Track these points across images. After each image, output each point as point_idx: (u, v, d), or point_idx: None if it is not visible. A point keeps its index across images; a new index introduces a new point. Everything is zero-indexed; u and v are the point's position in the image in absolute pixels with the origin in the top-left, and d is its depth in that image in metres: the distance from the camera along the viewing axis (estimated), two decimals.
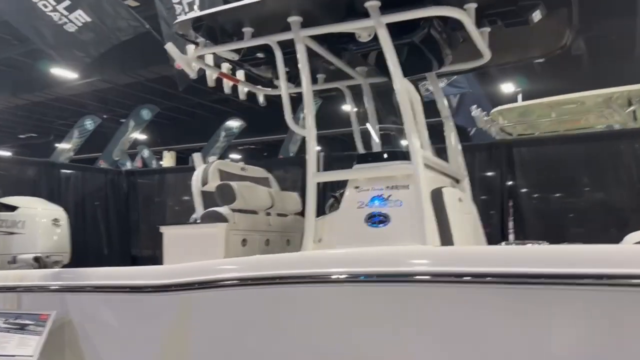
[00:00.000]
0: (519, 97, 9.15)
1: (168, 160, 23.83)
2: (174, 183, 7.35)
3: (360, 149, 4.81)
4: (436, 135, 4.24)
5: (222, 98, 19.94)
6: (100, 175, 7.51)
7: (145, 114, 18.06)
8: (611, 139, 4.84)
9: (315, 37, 3.85)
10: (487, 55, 3.96)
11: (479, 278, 2.64)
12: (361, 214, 3.47)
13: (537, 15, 3.58)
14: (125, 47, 8.18)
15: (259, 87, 5.22)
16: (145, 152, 22.73)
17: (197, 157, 4.61)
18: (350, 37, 3.79)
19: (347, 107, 5.36)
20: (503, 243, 4.01)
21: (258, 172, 4.92)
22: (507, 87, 14.19)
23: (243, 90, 5.15)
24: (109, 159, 16.46)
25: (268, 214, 4.62)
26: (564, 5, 3.58)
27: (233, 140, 20.77)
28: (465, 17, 3.37)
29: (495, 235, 4.95)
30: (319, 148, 3.73)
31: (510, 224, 5.09)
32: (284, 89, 3.82)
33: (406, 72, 4.05)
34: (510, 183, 5.16)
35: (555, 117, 6.82)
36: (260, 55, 4.50)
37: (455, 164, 4.29)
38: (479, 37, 3.67)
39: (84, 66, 7.91)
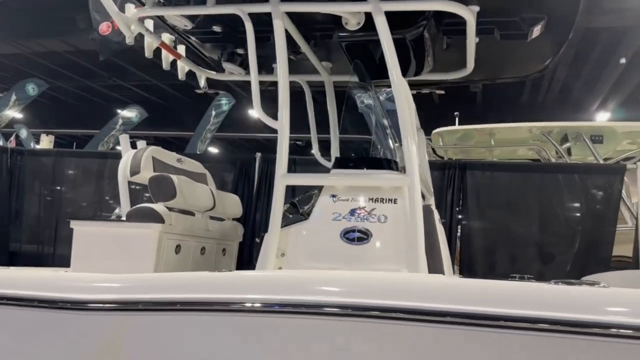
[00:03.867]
0: (457, 120, 9.22)
1: (45, 144, 21.29)
2: (74, 169, 6.22)
3: (317, 154, 4.29)
4: None
5: (116, 85, 18.35)
6: None
7: (31, 89, 15.88)
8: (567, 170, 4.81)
9: (293, 16, 3.31)
10: (470, 66, 3.69)
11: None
12: (337, 227, 2.96)
13: (536, 31, 3.35)
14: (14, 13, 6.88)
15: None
16: (24, 132, 20.09)
17: (124, 139, 3.77)
18: (335, 23, 3.31)
19: (251, 112, 4.83)
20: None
21: (195, 166, 4.19)
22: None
23: (183, 68, 4.41)
24: None
25: (206, 216, 3.92)
26: (565, 24, 3.38)
27: (130, 132, 19.09)
28: (471, 17, 3.03)
29: None
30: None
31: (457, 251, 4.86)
32: (254, 73, 3.21)
33: (380, 74, 3.68)
34: (459, 209, 4.94)
35: (493, 144, 6.88)
36: (217, 29, 3.83)
37: (425, 180, 3.94)
38: (473, 44, 3.37)
39: None
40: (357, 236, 2.91)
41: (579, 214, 4.59)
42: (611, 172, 4.61)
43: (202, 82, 4.63)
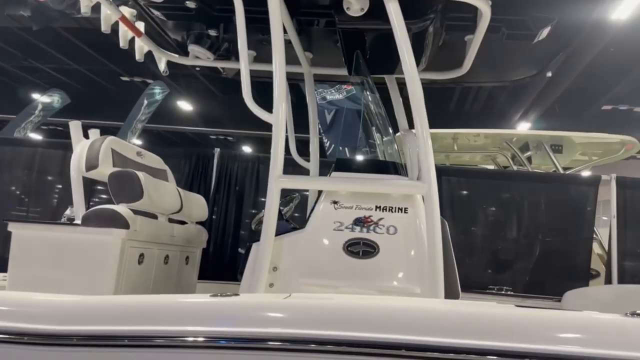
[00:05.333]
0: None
1: None
2: None
3: (295, 154, 3.89)
4: None
5: (32, 67, 16.81)
6: None
7: None
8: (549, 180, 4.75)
9: None
10: (467, 66, 3.48)
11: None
12: (339, 238, 2.61)
13: (545, 33, 3.18)
14: None
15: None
16: None
17: (76, 126, 3.17)
18: (335, 7, 2.95)
19: (181, 104, 4.42)
20: None
21: (155, 161, 3.65)
22: None
23: (142, 48, 3.86)
24: None
25: (170, 220, 3.41)
26: (570, 30, 3.24)
27: (50, 119, 17.50)
28: (488, 11, 2.79)
29: None
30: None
31: None
32: (243, 58, 2.77)
33: (372, 69, 3.39)
34: None
35: (456, 149, 6.81)
36: (190, 4, 3.33)
37: None
38: (479, 42, 3.14)
39: None
40: (362, 249, 2.57)
41: (556, 223, 4.55)
42: (586, 183, 4.61)
43: (162, 66, 4.09)
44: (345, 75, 4.05)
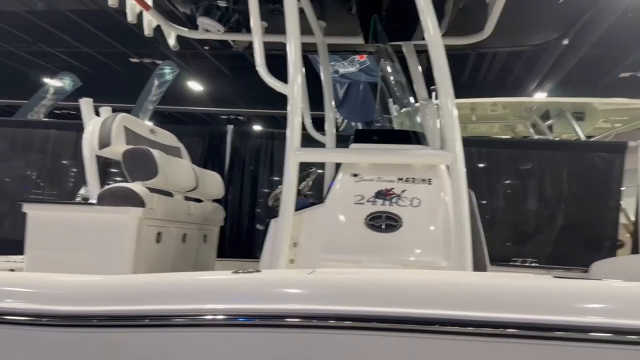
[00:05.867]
0: (433, 95, 8.90)
1: None
2: (10, 140, 5.36)
3: (310, 128, 3.78)
4: None
5: (42, 51, 16.76)
6: None
7: None
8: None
9: None
10: (489, 30, 3.32)
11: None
12: (360, 212, 2.52)
13: None
14: None
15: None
16: None
17: (87, 104, 3.10)
18: None
19: (191, 84, 4.31)
20: None
21: (169, 138, 3.58)
22: None
23: (151, 22, 3.76)
24: None
25: (186, 198, 3.36)
26: None
27: (60, 102, 17.51)
28: None
29: None
30: None
31: None
32: (256, 27, 2.66)
33: (389, 36, 3.25)
34: None
35: (474, 119, 6.64)
36: None
37: None
38: (501, 4, 2.99)
39: None
40: (385, 223, 2.49)
41: (581, 193, 4.42)
42: (612, 149, 4.45)
43: (172, 41, 3.99)
44: (361, 44, 3.91)
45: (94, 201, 2.71)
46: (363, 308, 1.66)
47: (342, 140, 4.22)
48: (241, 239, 5.12)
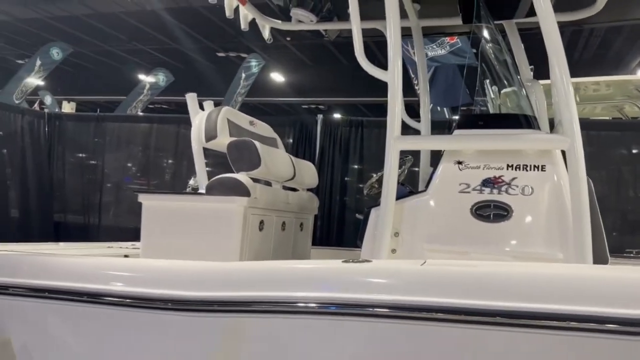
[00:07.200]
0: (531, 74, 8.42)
1: (67, 112, 20.86)
2: (116, 134, 5.77)
3: (404, 114, 3.69)
4: None
5: (136, 49, 17.78)
6: (16, 117, 5.69)
7: (55, 53, 15.33)
8: None
9: None
10: (601, 3, 3.06)
11: None
12: (466, 201, 2.43)
13: None
14: None
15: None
16: (48, 99, 19.72)
17: (192, 99, 3.24)
18: None
19: (274, 76, 4.26)
20: None
21: (266, 130, 3.67)
22: None
23: (247, 16, 3.84)
24: (8, 101, 13.71)
25: (284, 187, 3.43)
26: None
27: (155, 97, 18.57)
28: None
29: None
30: None
31: None
32: (354, 14, 2.63)
33: (494, 15, 3.08)
34: None
35: (578, 100, 6.19)
36: None
37: None
38: None
39: None
40: (493, 212, 2.38)
41: None
42: None
43: (266, 34, 4.07)
44: (456, 25, 3.77)
45: (203, 191, 2.83)
46: (479, 302, 1.60)
47: (435, 127, 4.11)
48: (331, 228, 5.16)
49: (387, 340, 1.69)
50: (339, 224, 5.08)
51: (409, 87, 3.88)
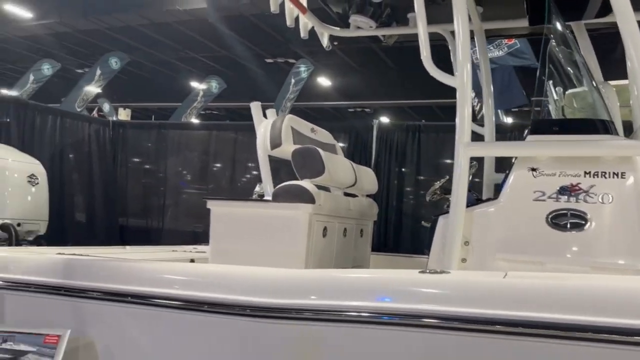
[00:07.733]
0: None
1: (123, 118, 21.73)
2: (176, 141, 5.95)
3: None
4: None
5: (188, 57, 18.27)
6: (83, 125, 5.98)
7: (114, 62, 16.07)
8: None
9: None
10: None
11: None
12: (540, 209, 2.35)
13: None
14: None
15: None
16: (106, 106, 20.61)
17: (256, 107, 3.30)
18: None
19: (320, 80, 4.20)
20: None
21: (326, 136, 3.68)
22: None
23: (306, 25, 3.88)
24: (70, 109, 14.44)
25: (345, 194, 3.43)
26: None
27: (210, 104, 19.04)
28: None
29: None
30: None
31: None
32: (421, 18, 2.60)
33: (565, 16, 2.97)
34: None
35: (620, 104, 5.86)
36: None
37: None
38: None
39: None
40: (570, 221, 2.29)
41: None
42: None
43: (325, 41, 4.10)
44: (520, 27, 3.67)
45: (269, 198, 2.87)
46: (571, 317, 1.54)
47: (497, 132, 4.00)
48: (388, 233, 5.13)
49: (473, 355, 1.66)
50: (396, 230, 5.04)
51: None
